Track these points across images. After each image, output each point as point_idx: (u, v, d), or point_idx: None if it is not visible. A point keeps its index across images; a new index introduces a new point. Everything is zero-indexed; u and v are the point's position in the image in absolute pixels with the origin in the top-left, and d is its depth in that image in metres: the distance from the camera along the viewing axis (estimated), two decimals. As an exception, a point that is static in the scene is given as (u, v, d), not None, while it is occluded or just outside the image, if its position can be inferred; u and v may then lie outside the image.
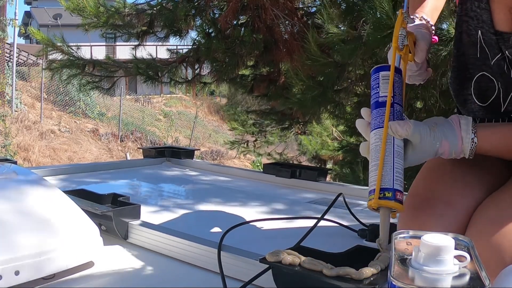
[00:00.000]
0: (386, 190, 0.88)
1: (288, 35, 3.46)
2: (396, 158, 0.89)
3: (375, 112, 0.94)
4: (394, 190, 0.87)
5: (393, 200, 0.87)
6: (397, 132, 0.89)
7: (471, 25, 1.01)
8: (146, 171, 2.26)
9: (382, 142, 0.90)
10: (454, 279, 0.53)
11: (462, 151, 0.91)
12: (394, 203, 0.87)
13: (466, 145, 0.90)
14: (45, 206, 1.07)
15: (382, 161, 0.89)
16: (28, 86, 14.22)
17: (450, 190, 0.98)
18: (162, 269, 1.09)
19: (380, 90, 0.95)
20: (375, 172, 0.90)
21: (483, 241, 0.82)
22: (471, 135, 0.90)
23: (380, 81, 0.95)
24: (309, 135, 6.03)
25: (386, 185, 0.88)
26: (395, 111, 0.92)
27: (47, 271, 0.95)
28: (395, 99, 0.93)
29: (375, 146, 0.91)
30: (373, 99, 0.95)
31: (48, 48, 3.97)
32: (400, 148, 0.90)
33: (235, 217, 1.50)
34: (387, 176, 0.88)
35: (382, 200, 0.87)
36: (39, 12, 22.46)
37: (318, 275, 0.81)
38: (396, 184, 0.88)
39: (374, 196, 0.88)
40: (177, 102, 20.11)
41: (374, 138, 0.92)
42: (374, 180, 0.89)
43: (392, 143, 0.90)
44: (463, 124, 0.91)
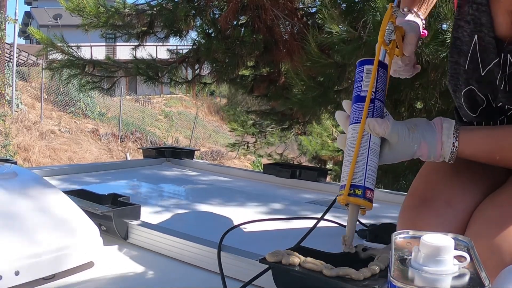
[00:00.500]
0: (357, 187, 0.87)
1: (288, 35, 3.46)
2: (371, 156, 0.88)
3: (355, 106, 0.93)
4: (365, 188, 0.87)
5: (362, 198, 0.87)
6: (374, 130, 0.88)
7: (466, 31, 0.99)
8: (146, 171, 2.26)
9: (358, 138, 0.89)
10: (453, 279, 0.53)
11: (441, 155, 0.89)
12: (363, 201, 0.87)
13: (446, 149, 0.89)
14: (45, 206, 1.07)
15: (355, 158, 0.88)
16: (28, 86, 14.22)
17: (449, 190, 0.98)
18: (162, 269, 1.09)
19: (362, 84, 0.94)
20: (347, 168, 0.89)
21: (483, 241, 0.82)
22: (452, 139, 0.88)
23: (363, 75, 0.94)
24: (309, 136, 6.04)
25: (357, 182, 0.87)
26: (375, 107, 0.91)
27: (47, 271, 0.95)
28: (376, 95, 0.92)
29: (351, 141, 0.90)
30: (355, 93, 0.94)
31: (48, 48, 3.97)
32: (376, 145, 0.90)
33: (235, 217, 1.50)
34: (359, 173, 0.88)
35: (351, 197, 0.87)
36: (39, 12, 22.47)
37: (318, 275, 0.81)
38: (368, 182, 0.87)
39: (343, 191, 0.88)
40: (177, 102, 20.12)
41: (351, 133, 0.91)
42: (346, 175, 0.88)
43: (368, 140, 0.89)
44: (445, 128, 0.89)
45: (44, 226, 1.00)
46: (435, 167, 1.07)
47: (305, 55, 2.80)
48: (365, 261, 0.87)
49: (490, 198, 0.94)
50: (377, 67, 0.93)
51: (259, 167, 8.56)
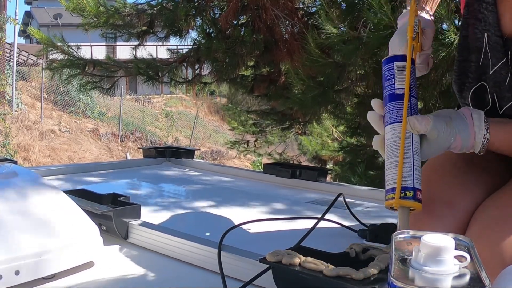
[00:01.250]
0: (407, 189, 0.85)
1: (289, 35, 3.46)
2: (415, 155, 0.87)
3: (391, 105, 0.90)
4: (415, 189, 0.85)
5: (413, 200, 0.85)
6: (415, 128, 0.86)
7: (478, 28, 0.99)
8: (146, 171, 2.26)
9: (401, 138, 0.87)
10: (454, 279, 0.53)
11: (473, 146, 0.89)
12: (414, 203, 0.85)
13: (478, 141, 0.89)
14: (45, 206, 1.07)
15: (402, 159, 0.86)
16: (28, 86, 14.22)
17: (450, 190, 0.98)
18: (162, 269, 1.09)
19: (396, 81, 0.91)
20: (393, 170, 0.87)
21: (483, 242, 0.82)
22: (483, 131, 0.88)
23: (395, 72, 0.91)
24: (309, 136, 6.03)
25: (407, 184, 0.85)
26: (412, 105, 0.89)
27: (47, 271, 0.95)
28: (411, 92, 0.90)
29: (392, 141, 0.88)
30: (388, 91, 0.91)
31: (48, 48, 3.97)
32: (418, 144, 0.88)
33: (235, 217, 1.50)
34: (407, 174, 0.85)
35: (403, 200, 0.84)
36: (39, 12, 22.47)
37: (318, 275, 0.81)
38: (417, 183, 0.85)
39: (394, 195, 0.85)
40: (177, 102, 20.12)
41: (391, 134, 0.89)
42: (393, 178, 0.86)
43: (411, 139, 0.87)
44: (475, 119, 0.89)
45: (44, 226, 1.00)
46: (436, 168, 1.06)
47: (305, 55, 2.80)
48: (365, 261, 0.87)
49: (491, 199, 0.94)
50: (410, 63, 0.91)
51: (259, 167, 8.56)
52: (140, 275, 1.06)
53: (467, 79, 1.04)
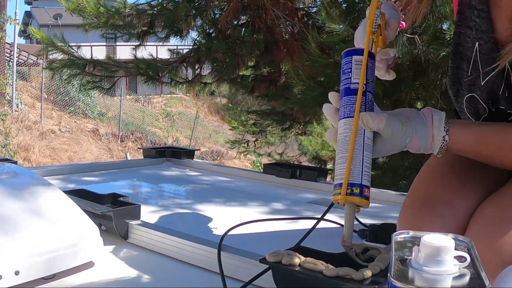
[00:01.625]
0: (354, 185, 0.84)
1: (289, 35, 3.46)
2: (366, 152, 0.86)
3: (345, 99, 0.89)
4: (362, 186, 0.84)
5: (359, 197, 0.84)
6: (367, 125, 0.85)
7: (469, 37, 0.97)
8: (146, 171, 2.26)
9: (352, 134, 0.86)
10: (454, 280, 0.53)
11: (431, 147, 0.88)
12: (361, 200, 0.84)
13: (436, 142, 0.87)
14: (45, 206, 1.07)
15: (351, 155, 0.85)
16: (29, 86, 14.23)
17: (450, 190, 0.98)
18: (162, 269, 1.09)
19: (352, 75, 0.89)
20: (342, 165, 0.86)
21: (483, 242, 0.82)
22: (442, 133, 0.87)
23: (352, 66, 0.90)
24: (310, 136, 6.03)
25: (354, 180, 0.85)
26: (367, 100, 0.88)
27: (47, 271, 0.95)
28: (367, 87, 0.89)
29: (343, 136, 0.87)
30: (344, 85, 0.90)
31: (49, 48, 3.98)
32: (370, 140, 0.87)
33: (235, 217, 1.50)
34: (355, 170, 0.85)
35: (349, 196, 0.84)
36: (40, 12, 22.48)
37: (318, 275, 0.81)
38: (364, 180, 0.85)
39: (341, 190, 0.85)
40: (177, 102, 20.12)
41: (343, 128, 0.88)
42: (341, 173, 0.85)
43: (362, 135, 0.86)
44: (435, 120, 0.88)
45: (44, 226, 1.00)
46: (436, 168, 1.06)
47: (305, 55, 2.80)
48: (365, 261, 0.87)
49: (491, 199, 0.94)
50: (367, 57, 0.89)
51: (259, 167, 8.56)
52: (140, 275, 1.06)
53: (461, 86, 1.03)
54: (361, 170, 0.85)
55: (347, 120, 0.88)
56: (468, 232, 0.89)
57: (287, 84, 3.58)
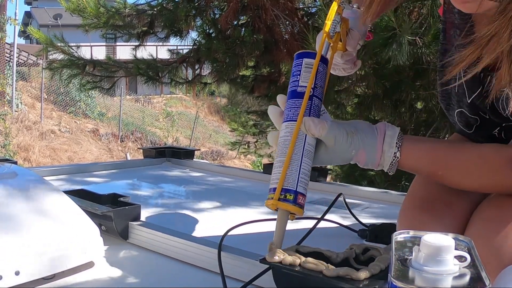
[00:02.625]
0: (288, 192, 0.82)
1: (289, 35, 3.46)
2: (305, 158, 0.83)
3: (290, 102, 0.86)
4: (297, 193, 0.82)
5: (292, 204, 0.82)
6: (309, 130, 0.82)
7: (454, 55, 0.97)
8: (146, 171, 2.26)
9: (292, 138, 0.83)
10: (454, 279, 0.53)
11: (380, 164, 0.85)
12: (293, 207, 0.82)
13: (387, 158, 0.84)
14: (45, 206, 1.07)
15: (288, 160, 0.82)
16: (28, 86, 14.23)
17: (449, 190, 0.98)
18: (162, 269, 1.09)
19: (300, 78, 0.87)
20: (279, 169, 0.83)
21: (482, 242, 0.82)
22: (394, 149, 0.83)
23: (302, 69, 0.87)
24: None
25: (289, 186, 0.82)
26: (312, 105, 0.85)
27: (47, 271, 0.95)
28: (315, 92, 0.86)
29: (284, 140, 0.84)
30: (291, 87, 0.88)
31: (48, 48, 3.98)
32: (311, 147, 0.84)
33: (235, 217, 1.50)
34: (291, 176, 0.82)
35: (281, 202, 0.82)
36: (39, 12, 22.48)
37: (318, 275, 0.81)
38: (300, 187, 0.82)
39: (274, 195, 0.82)
40: (177, 102, 20.13)
41: (284, 131, 0.85)
42: (277, 178, 0.83)
43: (303, 140, 0.83)
44: (388, 136, 0.84)
45: (44, 226, 1.00)
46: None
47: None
48: (365, 261, 0.87)
49: (490, 199, 0.94)
50: (318, 61, 0.87)
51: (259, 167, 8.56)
52: (140, 275, 1.06)
53: (450, 101, 1.01)
54: (297, 177, 0.82)
55: (289, 124, 0.85)
56: (467, 232, 0.89)
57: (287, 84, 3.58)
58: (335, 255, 0.88)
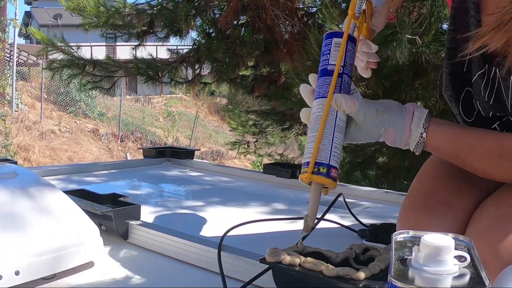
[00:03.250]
0: (321, 165, 0.83)
1: (289, 35, 3.46)
2: (337, 133, 0.85)
3: (321, 80, 0.88)
4: (329, 166, 0.83)
5: (326, 176, 0.83)
6: (340, 106, 0.84)
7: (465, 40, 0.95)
8: (147, 171, 2.26)
9: (324, 113, 0.85)
10: (454, 279, 0.53)
11: (407, 143, 0.87)
12: (327, 180, 0.84)
13: (413, 138, 0.86)
14: (45, 206, 1.07)
15: (320, 134, 0.84)
16: (28, 86, 14.23)
17: (450, 190, 0.98)
18: (162, 269, 1.09)
19: (330, 57, 0.89)
20: (311, 144, 0.85)
21: (483, 242, 0.82)
22: (421, 130, 0.86)
23: (331, 48, 0.89)
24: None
25: (322, 159, 0.84)
26: (342, 82, 0.87)
27: (47, 271, 0.95)
28: (344, 69, 0.88)
29: (316, 116, 0.86)
30: (321, 66, 0.90)
31: (48, 48, 3.98)
32: (342, 122, 0.86)
33: (235, 217, 1.50)
34: (324, 150, 0.84)
35: (315, 175, 0.83)
36: (39, 12, 22.48)
37: (318, 275, 0.81)
38: (333, 161, 0.84)
39: (307, 169, 0.84)
40: (177, 102, 20.12)
41: (316, 108, 0.87)
42: (310, 152, 0.84)
43: (334, 116, 0.85)
44: (416, 116, 0.87)
45: (44, 226, 1.00)
46: (436, 167, 1.06)
47: (305, 55, 2.80)
48: (365, 261, 0.87)
49: (491, 199, 0.94)
50: (346, 40, 0.89)
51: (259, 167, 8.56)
52: (140, 275, 1.06)
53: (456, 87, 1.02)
54: (330, 151, 0.84)
55: (321, 100, 0.87)
56: (468, 232, 0.89)
57: (287, 84, 3.58)
58: (335, 255, 0.88)
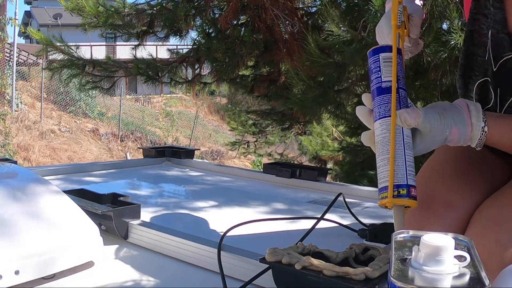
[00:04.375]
0: (400, 187, 0.81)
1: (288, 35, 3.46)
2: (407, 150, 0.82)
3: (378, 99, 0.85)
4: (408, 186, 0.81)
5: (407, 198, 0.81)
6: (405, 122, 0.81)
7: (484, 24, 0.98)
8: (146, 171, 2.26)
9: (391, 133, 0.82)
10: (454, 279, 0.53)
11: (470, 139, 0.85)
12: (409, 201, 0.81)
13: (475, 132, 0.84)
14: (45, 206, 1.07)
15: (393, 155, 0.81)
16: (28, 86, 14.22)
17: (450, 190, 0.98)
18: (162, 269, 1.09)
19: (382, 74, 0.86)
20: (385, 167, 0.82)
21: (483, 241, 0.82)
22: (481, 123, 0.84)
23: (381, 64, 0.87)
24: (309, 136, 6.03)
25: (400, 181, 0.81)
26: (400, 98, 0.84)
27: (47, 271, 0.95)
28: (399, 84, 0.85)
29: (382, 137, 0.84)
30: (375, 84, 0.87)
31: (48, 48, 3.97)
32: (409, 138, 0.83)
33: (235, 217, 1.50)
34: (399, 171, 0.81)
35: (396, 199, 0.81)
36: (39, 12, 22.46)
37: (318, 275, 0.81)
38: (410, 179, 0.81)
39: (387, 194, 0.81)
40: (177, 102, 20.11)
41: (380, 129, 0.84)
42: (385, 176, 0.82)
43: (401, 134, 0.82)
44: (472, 110, 0.85)
45: (44, 226, 1.00)
46: (436, 167, 1.06)
47: (305, 55, 2.80)
48: (365, 261, 0.87)
49: (491, 199, 0.94)
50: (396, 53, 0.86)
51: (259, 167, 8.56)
52: (140, 275, 1.06)
53: (473, 72, 1.02)
54: (405, 170, 0.81)
55: (383, 121, 0.84)
56: (468, 232, 0.89)
57: (287, 84, 3.58)
58: (335, 255, 0.88)
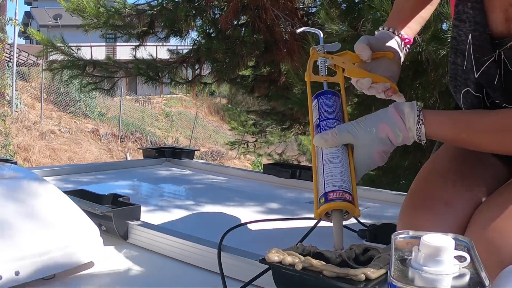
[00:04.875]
0: (321, 198, 0.89)
1: (289, 35, 3.47)
2: (326, 165, 0.91)
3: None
4: (326, 193, 0.89)
5: (326, 203, 0.88)
6: (326, 142, 0.91)
7: (462, 30, 0.96)
8: (146, 172, 2.26)
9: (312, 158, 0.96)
10: (454, 280, 0.53)
11: (408, 128, 0.87)
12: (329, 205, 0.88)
13: (410, 121, 0.87)
14: (45, 206, 1.07)
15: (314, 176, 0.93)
16: (28, 87, 14.22)
17: (449, 190, 0.98)
18: (162, 269, 1.09)
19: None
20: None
21: (483, 242, 0.82)
22: (415, 112, 0.87)
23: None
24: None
25: (320, 193, 0.90)
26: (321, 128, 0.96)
27: (47, 271, 0.95)
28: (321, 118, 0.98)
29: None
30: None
31: (48, 49, 3.98)
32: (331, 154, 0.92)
33: (235, 217, 1.50)
34: (320, 185, 0.91)
35: (318, 209, 0.90)
36: (39, 13, 22.47)
37: (318, 275, 0.81)
38: (328, 187, 0.89)
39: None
40: (177, 102, 20.12)
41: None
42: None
43: (320, 154, 0.94)
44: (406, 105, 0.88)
45: (44, 226, 1.00)
46: (436, 168, 1.06)
47: (305, 55, 2.80)
48: (365, 261, 0.87)
49: (490, 199, 0.94)
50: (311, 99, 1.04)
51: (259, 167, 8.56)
52: (140, 275, 1.06)
53: (457, 82, 1.02)
54: (323, 181, 0.90)
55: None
56: (468, 232, 0.89)
57: (287, 84, 3.58)
58: (334, 255, 0.88)
